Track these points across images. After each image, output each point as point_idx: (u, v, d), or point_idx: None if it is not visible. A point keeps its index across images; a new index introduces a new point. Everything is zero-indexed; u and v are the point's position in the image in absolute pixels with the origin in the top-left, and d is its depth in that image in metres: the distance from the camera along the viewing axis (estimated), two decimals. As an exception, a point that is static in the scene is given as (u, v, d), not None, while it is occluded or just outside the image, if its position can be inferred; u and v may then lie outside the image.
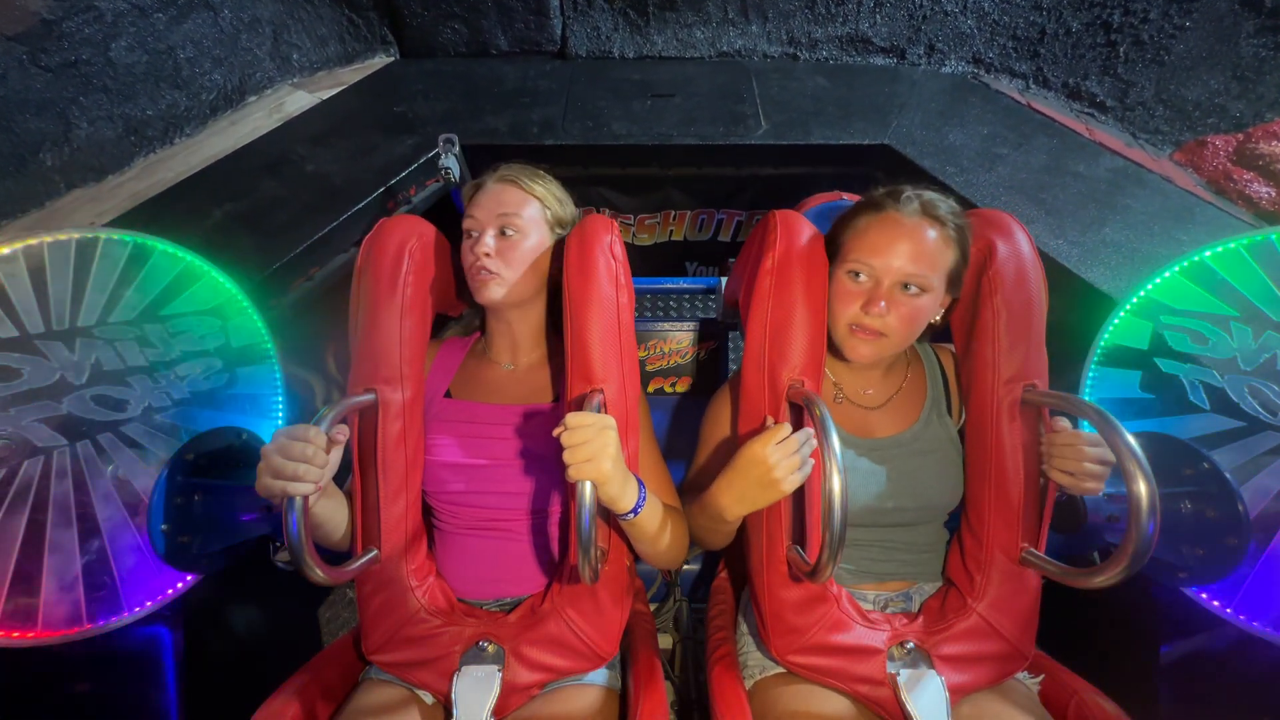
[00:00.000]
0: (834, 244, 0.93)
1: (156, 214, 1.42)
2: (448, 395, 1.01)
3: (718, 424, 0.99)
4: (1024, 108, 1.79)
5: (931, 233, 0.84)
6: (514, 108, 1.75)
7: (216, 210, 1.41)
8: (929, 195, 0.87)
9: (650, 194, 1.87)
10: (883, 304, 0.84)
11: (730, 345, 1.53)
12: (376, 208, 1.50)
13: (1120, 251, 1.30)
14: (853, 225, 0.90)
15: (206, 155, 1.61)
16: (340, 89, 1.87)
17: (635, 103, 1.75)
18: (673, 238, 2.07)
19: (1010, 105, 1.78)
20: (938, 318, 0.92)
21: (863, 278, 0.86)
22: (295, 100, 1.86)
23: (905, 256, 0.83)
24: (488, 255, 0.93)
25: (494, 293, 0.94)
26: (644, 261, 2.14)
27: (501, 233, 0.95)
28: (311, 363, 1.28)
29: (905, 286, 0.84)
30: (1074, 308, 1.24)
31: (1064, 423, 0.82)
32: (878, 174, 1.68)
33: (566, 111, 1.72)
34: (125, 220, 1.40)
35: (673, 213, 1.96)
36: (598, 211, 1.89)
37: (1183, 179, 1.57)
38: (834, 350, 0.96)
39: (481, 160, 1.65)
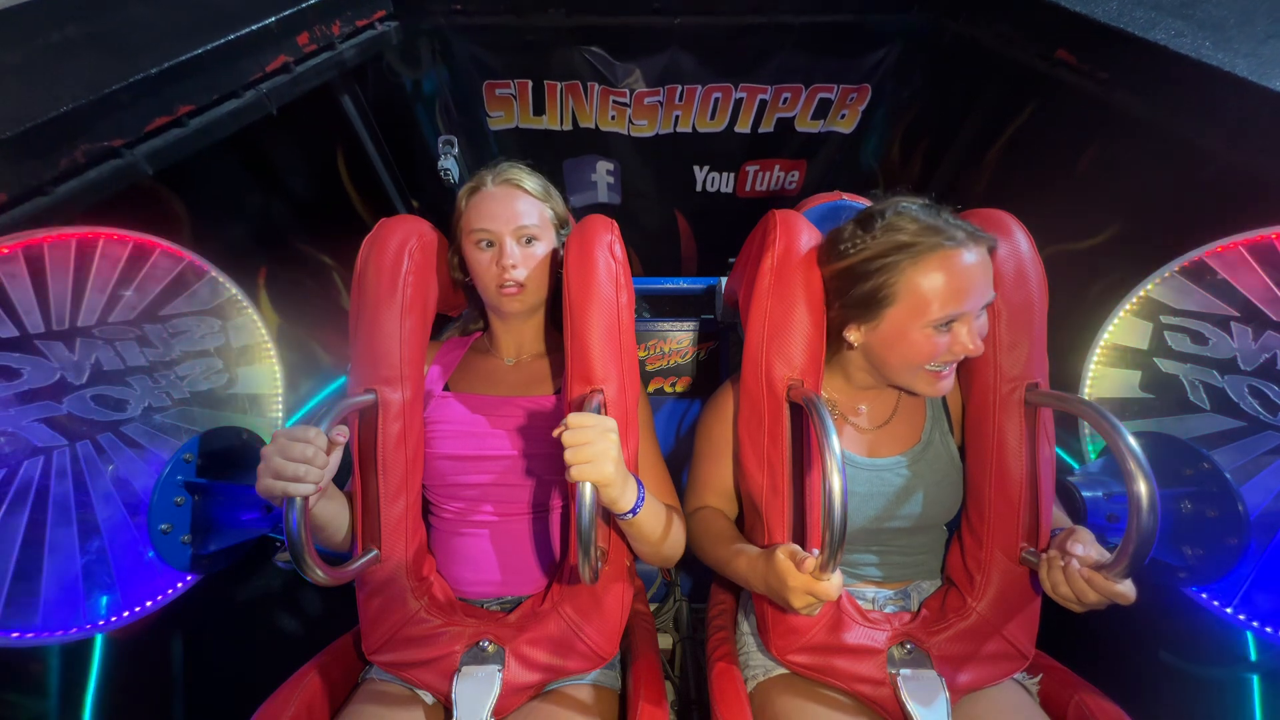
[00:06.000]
0: (876, 292, 0.82)
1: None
2: (447, 389, 1.02)
3: (718, 421, 0.98)
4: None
5: (982, 255, 0.81)
6: None
7: (55, 33, 1.06)
8: (956, 218, 0.84)
9: (651, 57, 1.54)
10: (979, 340, 0.82)
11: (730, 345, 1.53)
12: (279, 39, 1.16)
13: None
14: (905, 273, 0.80)
15: (61, -18, 1.17)
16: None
17: (632, -69, 1.40)
18: (678, 128, 1.71)
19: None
20: None
21: (950, 325, 0.81)
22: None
23: (981, 289, 0.80)
24: (514, 267, 0.93)
25: (520, 305, 0.96)
26: (643, 163, 1.78)
27: (525, 243, 0.96)
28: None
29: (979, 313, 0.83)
30: (1257, 117, 0.98)
31: (1090, 555, 0.74)
32: (946, 20, 1.42)
33: None
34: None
35: (680, 88, 1.61)
36: (584, 86, 1.63)
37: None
38: (830, 367, 0.95)
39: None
